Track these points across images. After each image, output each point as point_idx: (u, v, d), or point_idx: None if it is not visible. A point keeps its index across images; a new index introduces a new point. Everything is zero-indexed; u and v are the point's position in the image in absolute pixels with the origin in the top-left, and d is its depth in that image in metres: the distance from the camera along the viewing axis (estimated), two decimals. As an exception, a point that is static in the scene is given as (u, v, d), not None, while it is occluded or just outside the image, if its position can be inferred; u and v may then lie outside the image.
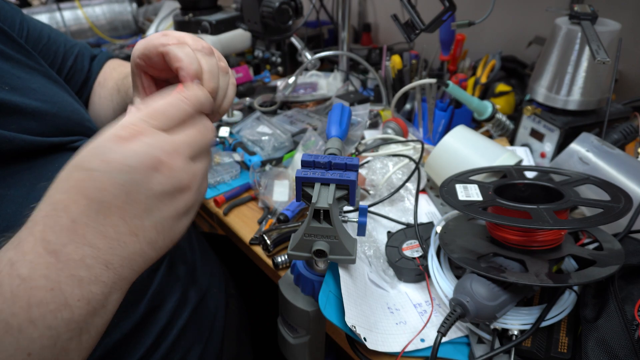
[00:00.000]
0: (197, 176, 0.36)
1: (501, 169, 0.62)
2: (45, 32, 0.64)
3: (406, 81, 0.99)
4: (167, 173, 0.33)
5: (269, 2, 0.94)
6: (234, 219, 0.74)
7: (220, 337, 0.64)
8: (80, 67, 0.68)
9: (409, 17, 0.73)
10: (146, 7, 1.80)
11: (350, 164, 0.44)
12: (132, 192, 0.32)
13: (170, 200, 0.34)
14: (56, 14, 1.54)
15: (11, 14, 0.58)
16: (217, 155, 0.86)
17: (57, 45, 0.65)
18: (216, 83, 0.41)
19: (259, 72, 1.32)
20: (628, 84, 0.96)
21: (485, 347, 0.48)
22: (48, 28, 0.65)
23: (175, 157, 0.34)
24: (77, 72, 0.67)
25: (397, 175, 0.72)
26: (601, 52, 0.60)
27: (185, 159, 0.34)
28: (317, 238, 0.43)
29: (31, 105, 0.47)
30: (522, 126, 0.83)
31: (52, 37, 0.64)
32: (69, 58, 0.66)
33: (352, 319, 0.44)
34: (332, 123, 0.56)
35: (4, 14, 0.56)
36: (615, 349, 0.41)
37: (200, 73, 0.40)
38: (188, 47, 0.40)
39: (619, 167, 0.60)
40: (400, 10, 0.79)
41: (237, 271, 0.85)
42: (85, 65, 0.69)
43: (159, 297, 0.54)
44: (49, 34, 0.64)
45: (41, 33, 0.63)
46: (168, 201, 0.34)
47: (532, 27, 1.07)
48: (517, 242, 0.49)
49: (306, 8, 1.11)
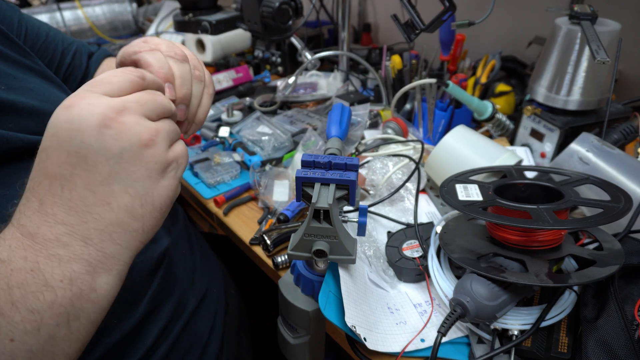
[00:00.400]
0: (161, 132, 0.34)
1: (501, 169, 0.62)
2: (44, 31, 0.64)
3: (406, 81, 0.99)
4: (119, 127, 0.31)
5: (269, 2, 0.94)
6: (234, 219, 0.74)
7: (220, 338, 0.64)
8: (79, 64, 0.68)
9: (409, 17, 0.73)
10: (146, 7, 1.80)
11: (350, 164, 0.44)
12: (89, 156, 0.30)
13: (134, 158, 0.32)
14: (56, 14, 1.54)
15: (9, 13, 0.58)
16: (217, 155, 0.86)
17: (55, 43, 0.65)
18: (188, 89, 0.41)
19: (259, 72, 1.33)
20: (628, 84, 0.96)
21: (485, 347, 0.48)
22: (46, 26, 0.65)
23: (124, 112, 0.32)
24: (75, 69, 0.68)
25: (397, 175, 0.72)
26: (601, 52, 0.60)
27: (137, 115, 0.33)
28: (317, 238, 0.43)
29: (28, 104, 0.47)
30: (522, 126, 0.83)
31: (50, 35, 0.64)
32: (67, 55, 0.67)
33: (352, 319, 0.44)
34: (332, 123, 0.56)
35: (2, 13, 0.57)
36: (615, 349, 0.41)
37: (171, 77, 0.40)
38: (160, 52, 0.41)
39: (619, 167, 0.60)
40: (400, 10, 0.79)
41: (237, 271, 0.85)
42: (83, 62, 0.69)
43: (158, 297, 0.54)
44: (47, 32, 0.64)
45: (39, 31, 0.63)
46: (132, 159, 0.32)
47: (532, 27, 1.07)
48: (517, 242, 0.49)
49: (306, 8, 1.11)
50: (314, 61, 1.07)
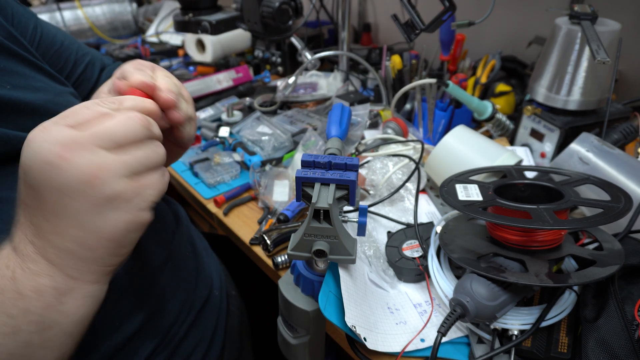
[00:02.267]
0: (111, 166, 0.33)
1: (501, 169, 0.62)
2: (59, 39, 0.64)
3: (406, 81, 0.99)
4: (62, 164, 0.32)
5: (269, 2, 0.94)
6: (234, 219, 0.74)
7: (222, 339, 0.64)
8: (90, 76, 0.68)
9: (409, 17, 0.73)
10: (146, 7, 1.80)
11: (350, 164, 0.44)
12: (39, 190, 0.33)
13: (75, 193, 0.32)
14: (56, 14, 1.54)
15: (25, 18, 0.58)
16: (217, 155, 0.86)
17: (69, 52, 0.65)
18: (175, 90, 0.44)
19: (259, 72, 1.33)
20: (628, 84, 0.96)
21: (485, 347, 0.48)
22: (62, 34, 0.65)
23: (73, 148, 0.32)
24: (85, 81, 0.67)
25: (397, 175, 0.72)
26: (601, 52, 0.60)
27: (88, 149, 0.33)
28: (317, 238, 0.43)
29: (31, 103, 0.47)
30: (522, 126, 0.83)
31: (65, 43, 0.64)
32: (79, 66, 0.66)
33: (352, 319, 0.44)
34: (332, 123, 0.56)
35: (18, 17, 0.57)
36: (615, 349, 0.41)
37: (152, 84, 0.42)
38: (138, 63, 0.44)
39: (619, 167, 0.60)
40: (400, 10, 0.79)
41: (237, 271, 0.85)
42: (94, 75, 0.69)
43: (161, 300, 0.54)
44: (62, 41, 0.64)
45: (54, 39, 0.63)
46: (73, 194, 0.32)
47: (532, 27, 1.07)
48: (517, 242, 0.49)
49: (306, 8, 1.11)
50: (314, 61, 1.07)
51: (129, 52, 1.48)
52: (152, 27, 1.61)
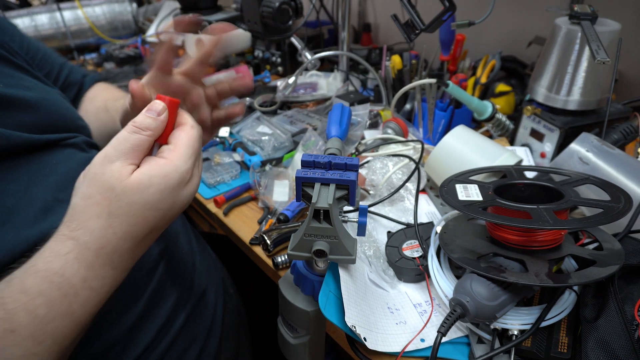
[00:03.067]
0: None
1: (501, 169, 0.62)
2: (41, 47, 0.68)
3: (406, 81, 0.99)
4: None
5: (269, 2, 0.94)
6: (234, 219, 0.74)
7: (219, 336, 0.64)
8: (74, 81, 0.72)
9: (409, 17, 0.73)
10: (146, 7, 1.80)
11: (350, 164, 0.44)
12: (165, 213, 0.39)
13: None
14: (56, 14, 1.54)
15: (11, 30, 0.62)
16: (217, 155, 0.86)
17: (53, 59, 0.69)
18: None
19: (259, 72, 1.32)
20: (628, 84, 0.96)
21: (485, 347, 0.48)
22: (43, 45, 0.70)
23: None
24: (71, 85, 0.72)
25: (397, 175, 0.72)
26: (601, 52, 0.60)
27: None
28: (317, 238, 0.43)
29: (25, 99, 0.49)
30: (522, 126, 0.83)
31: (47, 52, 0.69)
32: (63, 70, 0.71)
33: (352, 319, 0.44)
34: (332, 123, 0.56)
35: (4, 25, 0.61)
36: (615, 349, 0.41)
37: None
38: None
39: (619, 167, 0.60)
40: (400, 10, 0.79)
41: (237, 271, 0.85)
42: (77, 79, 0.73)
43: (157, 295, 0.54)
44: (45, 49, 0.69)
45: (38, 47, 0.67)
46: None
47: (532, 27, 1.07)
48: (517, 242, 0.49)
49: (306, 8, 1.11)
50: (314, 61, 1.07)
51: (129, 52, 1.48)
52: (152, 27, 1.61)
